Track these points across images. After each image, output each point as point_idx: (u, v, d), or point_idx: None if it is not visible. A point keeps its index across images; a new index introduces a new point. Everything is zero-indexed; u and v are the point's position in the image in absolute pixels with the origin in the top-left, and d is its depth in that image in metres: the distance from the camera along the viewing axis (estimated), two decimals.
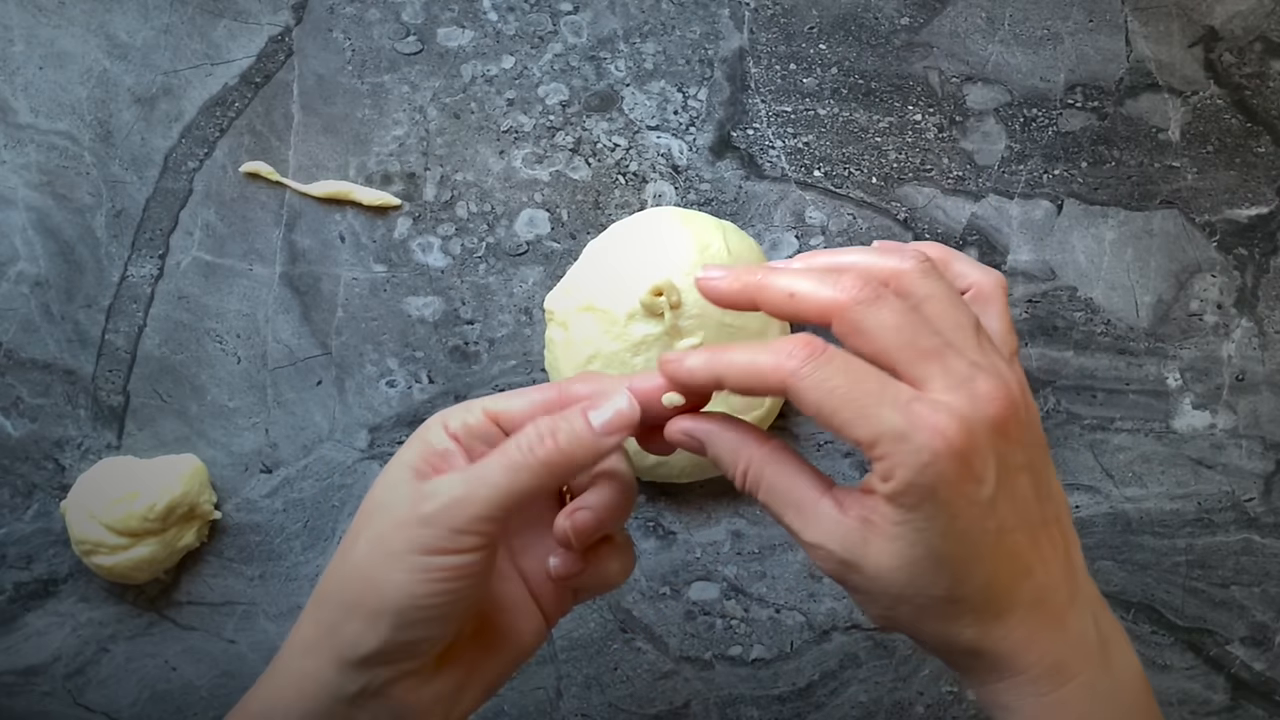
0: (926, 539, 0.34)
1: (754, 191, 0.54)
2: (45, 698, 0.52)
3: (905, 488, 0.33)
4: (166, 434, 0.53)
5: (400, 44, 0.54)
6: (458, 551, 0.35)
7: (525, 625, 0.39)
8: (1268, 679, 0.54)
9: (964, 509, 0.34)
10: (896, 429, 0.33)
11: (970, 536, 0.34)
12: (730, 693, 0.53)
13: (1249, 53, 0.56)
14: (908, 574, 0.34)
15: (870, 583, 0.35)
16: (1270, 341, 0.55)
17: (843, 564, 0.35)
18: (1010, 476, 0.35)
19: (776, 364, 0.34)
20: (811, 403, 0.34)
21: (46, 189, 0.53)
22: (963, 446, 0.33)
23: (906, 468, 0.33)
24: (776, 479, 0.37)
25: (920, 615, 0.35)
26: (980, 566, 0.34)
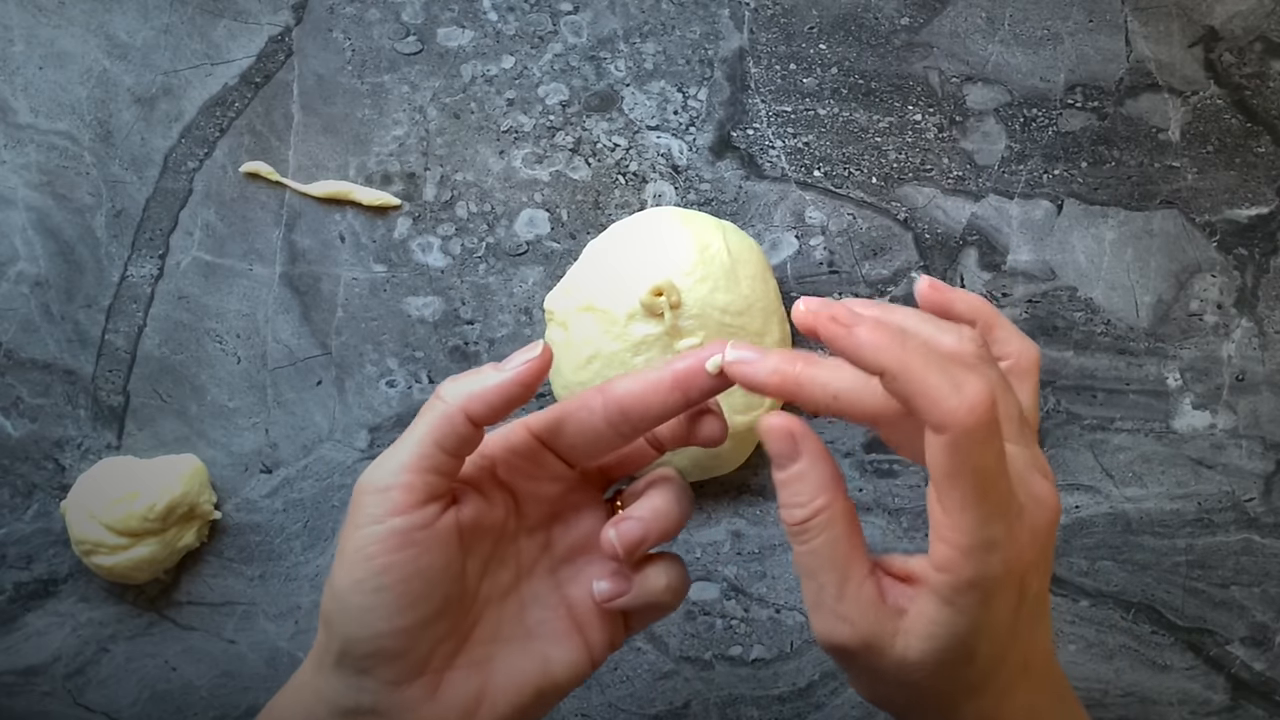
0: (960, 639, 0.33)
1: (754, 191, 0.54)
2: (45, 698, 0.52)
3: (966, 586, 0.32)
4: (166, 434, 0.53)
5: (400, 44, 0.54)
6: (384, 517, 0.34)
7: (559, 656, 0.37)
8: (1268, 679, 0.54)
9: (1005, 613, 0.33)
10: (993, 539, 0.31)
11: (1003, 636, 0.33)
12: (730, 693, 0.53)
13: (1249, 53, 0.56)
14: (933, 668, 0.33)
15: (887, 669, 0.34)
16: (1270, 341, 0.55)
17: (864, 645, 0.33)
18: (1041, 579, 0.35)
19: (954, 409, 0.30)
20: (953, 466, 0.31)
21: (46, 189, 0.53)
22: (1026, 567, 0.33)
23: (976, 571, 0.32)
24: (840, 540, 0.34)
25: (926, 703, 0.35)
26: (1002, 662, 0.34)
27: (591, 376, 0.49)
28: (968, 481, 0.31)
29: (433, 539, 0.34)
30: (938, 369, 0.31)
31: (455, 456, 0.35)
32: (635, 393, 0.36)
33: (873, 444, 0.54)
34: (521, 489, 0.38)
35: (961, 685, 0.34)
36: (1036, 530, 0.33)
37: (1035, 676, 0.36)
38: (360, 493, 0.35)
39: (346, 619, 0.34)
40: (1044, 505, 0.34)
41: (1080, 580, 0.54)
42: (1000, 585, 0.32)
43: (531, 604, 0.38)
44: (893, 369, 0.31)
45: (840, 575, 0.34)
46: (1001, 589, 0.32)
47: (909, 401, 0.31)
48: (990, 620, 0.32)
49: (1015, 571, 0.32)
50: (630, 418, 0.36)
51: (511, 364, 0.35)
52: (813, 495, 0.34)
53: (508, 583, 0.38)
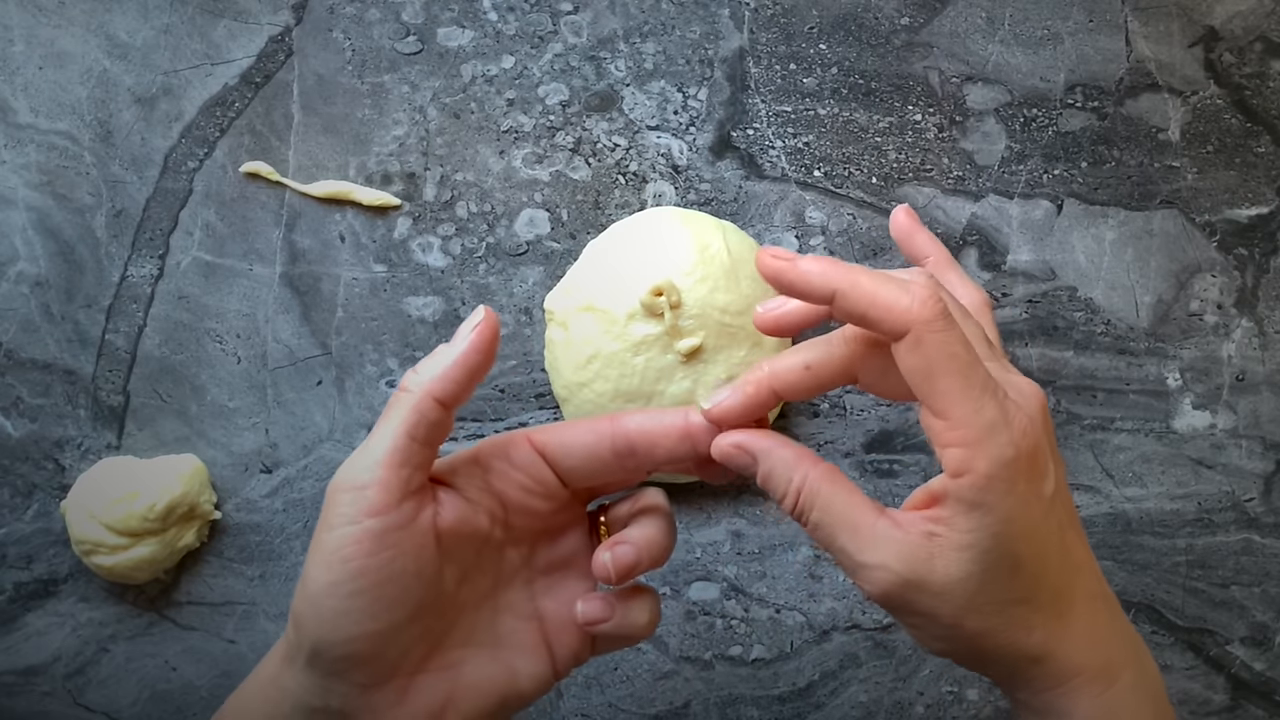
0: (1001, 540, 0.33)
1: (754, 191, 0.54)
2: (45, 698, 0.52)
3: (986, 481, 0.32)
4: (166, 434, 0.53)
5: (400, 44, 0.54)
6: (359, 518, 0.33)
7: (526, 668, 0.37)
8: (1268, 679, 0.54)
9: (1035, 506, 0.33)
10: (993, 419, 0.32)
11: (1040, 534, 0.33)
12: (730, 693, 0.53)
13: (1249, 53, 0.56)
14: (980, 580, 0.33)
15: (936, 599, 0.33)
16: (1270, 341, 0.55)
17: (906, 583, 0.33)
18: (1059, 473, 0.35)
19: (908, 306, 0.32)
20: (925, 360, 0.32)
21: (46, 189, 0.53)
22: (1035, 444, 0.33)
23: (991, 460, 0.32)
24: (833, 499, 0.35)
25: (990, 625, 0.34)
26: (1050, 564, 0.34)
27: (591, 376, 0.49)
28: (946, 370, 0.32)
29: (409, 541, 0.34)
30: (883, 279, 0.32)
31: (428, 446, 0.35)
32: (647, 433, 0.36)
33: (872, 444, 0.54)
34: (513, 500, 0.37)
35: (1017, 599, 0.34)
36: (1032, 416, 0.33)
37: (1089, 596, 0.35)
38: (334, 491, 0.34)
39: (320, 622, 0.33)
40: (1030, 395, 0.34)
41: None
42: (1017, 470, 0.32)
43: (504, 612, 0.38)
44: (842, 287, 0.32)
45: (850, 530, 0.34)
46: (1020, 474, 0.32)
47: (864, 318, 0.33)
48: (1023, 514, 0.33)
49: (1025, 453, 0.32)
50: (637, 456, 0.36)
51: (462, 335, 0.35)
52: (787, 480, 0.35)
53: (485, 590, 0.38)
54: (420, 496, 0.35)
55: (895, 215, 0.45)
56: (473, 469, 0.37)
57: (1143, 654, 0.37)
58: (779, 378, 0.35)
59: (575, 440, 0.36)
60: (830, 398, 0.54)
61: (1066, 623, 0.35)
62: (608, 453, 0.36)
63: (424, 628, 0.35)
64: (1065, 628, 0.35)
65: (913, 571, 0.33)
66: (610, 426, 0.36)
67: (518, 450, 0.37)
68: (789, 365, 0.36)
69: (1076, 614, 0.35)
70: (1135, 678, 0.36)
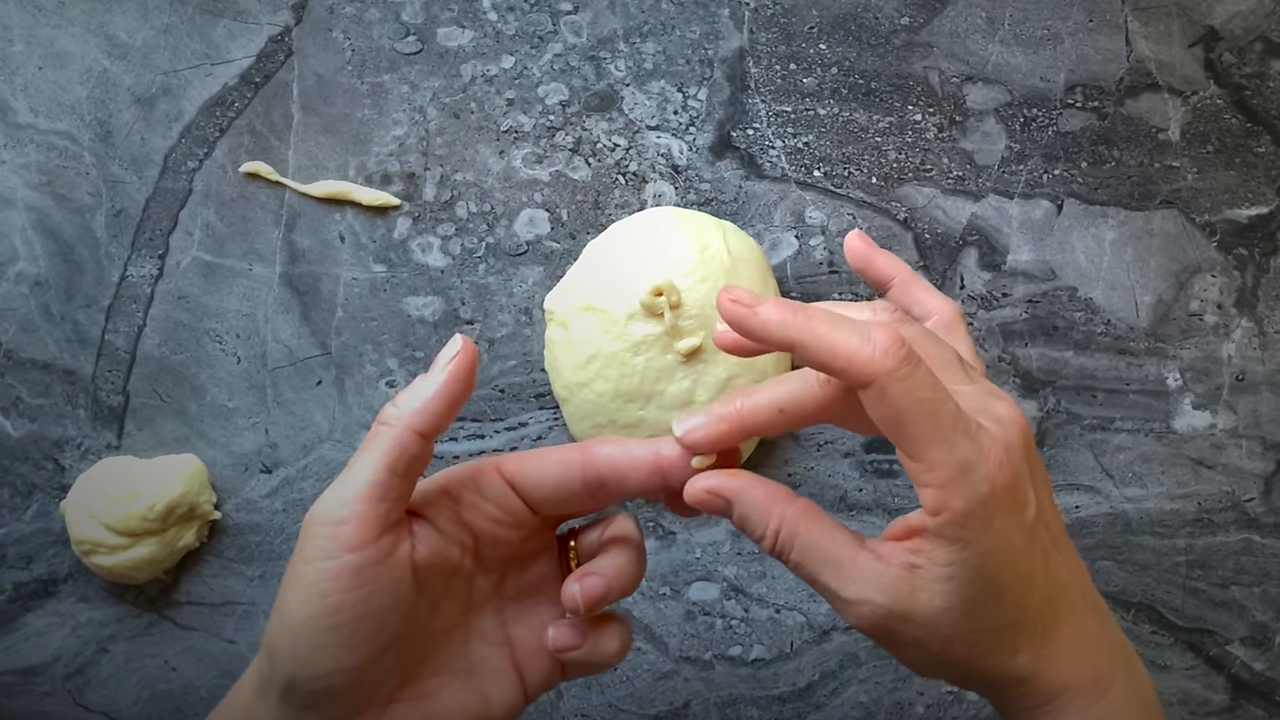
0: (980, 572, 0.33)
1: (754, 191, 0.54)
2: (45, 698, 0.52)
3: (963, 519, 0.32)
4: (166, 434, 0.53)
5: (400, 44, 0.54)
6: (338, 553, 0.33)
7: (497, 693, 0.37)
8: (1268, 679, 0.54)
9: (1015, 535, 0.33)
10: (966, 459, 0.32)
11: (1022, 561, 0.33)
12: (730, 693, 0.53)
13: (1249, 53, 0.56)
14: (962, 610, 0.33)
15: (922, 629, 0.34)
16: (1270, 341, 0.55)
17: (890, 615, 0.34)
18: (1040, 496, 0.35)
19: (870, 357, 0.32)
20: (891, 409, 0.32)
21: (46, 189, 0.53)
22: (1012, 476, 0.33)
23: (966, 499, 0.32)
24: (811, 537, 0.35)
25: (975, 650, 0.34)
26: (1034, 588, 0.34)
27: (591, 376, 0.49)
28: (914, 417, 0.32)
29: (386, 576, 0.34)
30: (844, 327, 0.32)
31: (408, 479, 0.35)
32: (616, 466, 0.36)
33: (873, 444, 0.54)
34: (483, 531, 0.37)
35: (1002, 625, 0.34)
36: (1010, 445, 0.33)
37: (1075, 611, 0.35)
38: (312, 524, 0.34)
39: (295, 656, 0.33)
40: (1009, 423, 0.34)
41: None
42: (994, 505, 0.32)
43: (475, 639, 0.38)
44: (801, 338, 0.33)
45: (833, 566, 0.34)
46: (998, 509, 0.32)
47: (827, 366, 0.33)
48: (1003, 545, 0.33)
49: (1003, 486, 0.32)
50: (607, 487, 0.36)
51: (440, 366, 0.35)
52: (763, 521, 0.35)
53: (456, 618, 0.38)
54: (397, 530, 0.35)
55: (849, 242, 0.44)
56: (444, 500, 0.37)
57: (1133, 660, 0.37)
58: (751, 418, 0.35)
59: (545, 473, 0.36)
60: None
61: (1052, 642, 0.35)
62: (578, 484, 0.36)
63: (399, 659, 0.35)
64: (1051, 647, 0.35)
65: (897, 603, 0.33)
66: (580, 458, 0.36)
67: (488, 482, 0.37)
68: (762, 406, 0.36)
69: (1062, 632, 0.35)
70: (1125, 686, 0.36)
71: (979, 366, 0.40)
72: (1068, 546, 0.36)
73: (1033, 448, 0.35)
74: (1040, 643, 0.35)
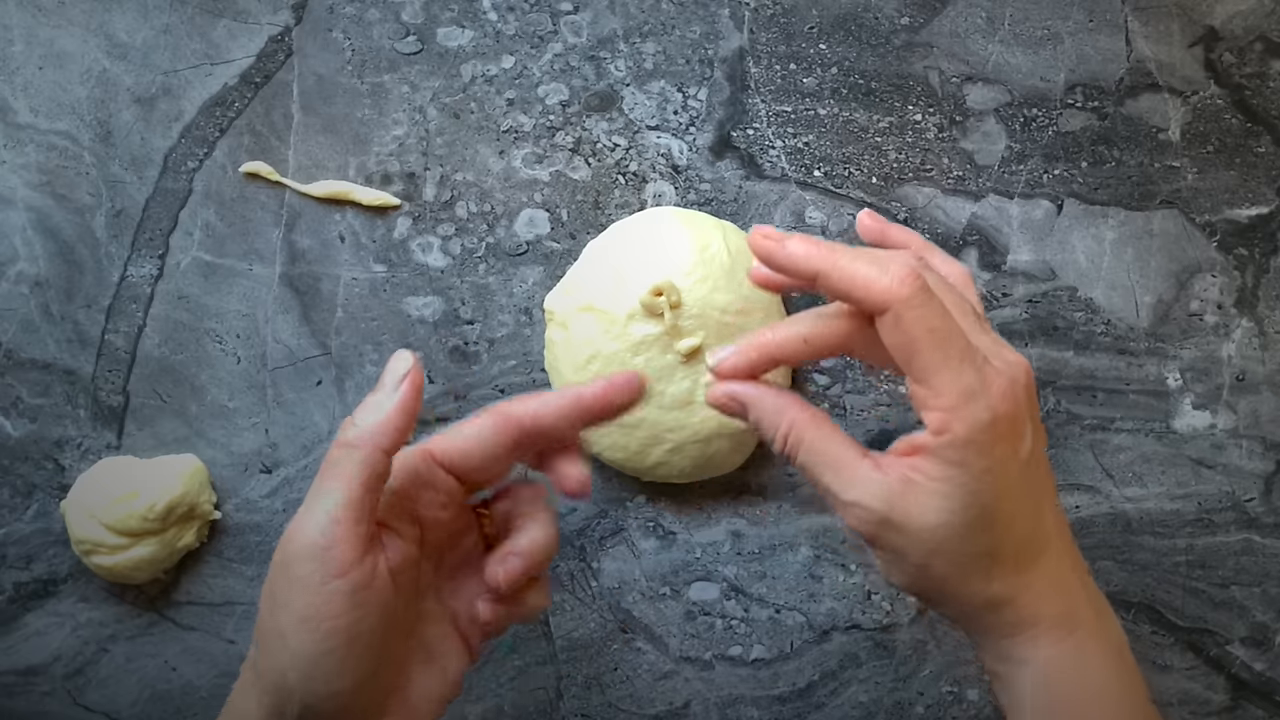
0: (975, 496, 0.35)
1: (754, 191, 0.54)
2: (45, 698, 0.52)
3: (964, 442, 0.34)
4: (166, 434, 0.53)
5: (400, 44, 0.54)
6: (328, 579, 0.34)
7: (453, 665, 0.40)
8: (1268, 679, 0.54)
9: (1011, 467, 0.35)
10: (971, 386, 0.34)
11: (1012, 494, 0.35)
12: (730, 693, 0.53)
13: (1249, 53, 0.56)
14: (949, 529, 0.35)
15: (908, 539, 0.36)
16: (1270, 341, 0.55)
17: (881, 521, 0.36)
18: (1037, 439, 0.37)
19: (888, 286, 0.34)
20: (905, 336, 0.34)
21: (46, 189, 0.53)
22: (1013, 408, 0.35)
23: (969, 424, 0.34)
24: (817, 441, 0.37)
25: (954, 571, 0.36)
26: (1019, 522, 0.36)
27: (591, 376, 0.49)
28: (925, 343, 0.34)
29: (375, 592, 0.35)
30: (864, 259, 0.35)
31: (377, 494, 0.36)
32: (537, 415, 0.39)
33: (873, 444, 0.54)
34: (428, 520, 0.39)
35: (983, 550, 0.36)
36: (1015, 381, 0.35)
37: (1055, 553, 0.37)
38: (295, 551, 0.35)
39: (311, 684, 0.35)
40: (1016, 365, 0.36)
41: None
42: (995, 433, 0.34)
43: (428, 623, 0.40)
44: (824, 269, 0.35)
45: (834, 469, 0.37)
46: (997, 437, 0.34)
47: (847, 295, 0.35)
48: (997, 473, 0.35)
49: (1002, 416, 0.34)
50: (532, 438, 0.39)
51: (393, 383, 0.37)
52: (775, 424, 0.38)
53: (414, 608, 0.39)
54: (373, 545, 0.36)
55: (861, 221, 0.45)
56: (399, 503, 0.38)
57: (1105, 614, 0.39)
58: (780, 346, 0.38)
59: (472, 445, 0.38)
60: (830, 397, 0.54)
61: (1028, 577, 0.37)
62: (506, 446, 0.38)
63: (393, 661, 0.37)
64: (1026, 581, 0.37)
65: (890, 510, 0.36)
66: (505, 423, 0.38)
67: (432, 472, 0.38)
68: (789, 335, 0.38)
69: (1040, 569, 0.37)
70: (1096, 629, 0.38)
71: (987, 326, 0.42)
72: (1055, 499, 0.38)
73: (1034, 398, 0.37)
74: (1017, 575, 0.36)
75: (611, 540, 0.54)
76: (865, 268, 0.34)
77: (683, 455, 0.50)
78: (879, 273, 0.34)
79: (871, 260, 0.35)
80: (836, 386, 0.54)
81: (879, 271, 0.34)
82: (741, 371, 0.39)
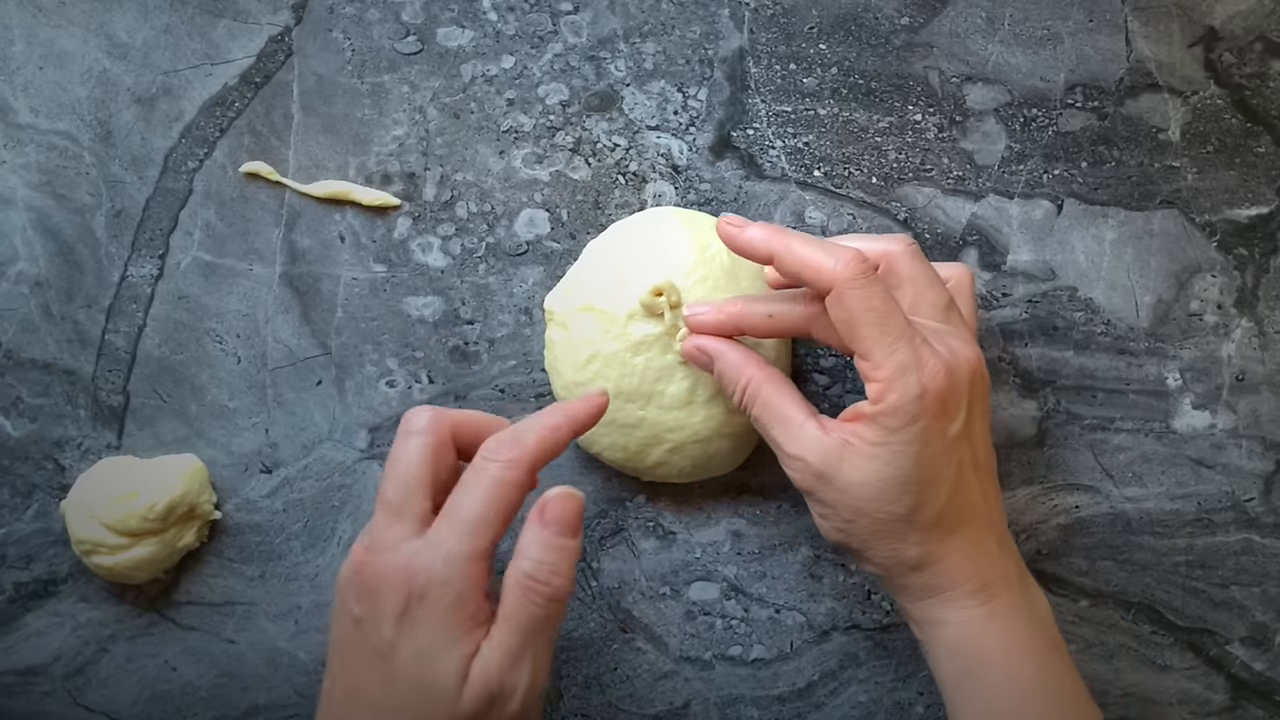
0: (899, 461, 0.39)
1: (754, 191, 0.54)
2: (45, 698, 0.52)
3: (893, 410, 0.39)
4: (166, 434, 0.53)
5: (400, 44, 0.54)
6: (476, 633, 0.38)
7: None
8: (1268, 679, 0.54)
9: (935, 440, 0.39)
10: (904, 361, 0.38)
11: (936, 465, 0.39)
12: (730, 693, 0.53)
13: (1249, 53, 0.56)
14: (875, 489, 0.40)
15: (838, 495, 0.40)
16: (1270, 341, 0.55)
17: (817, 475, 0.41)
18: (972, 424, 0.41)
19: (832, 268, 0.39)
20: (846, 313, 0.39)
21: (46, 189, 0.53)
22: (946, 388, 0.39)
23: (900, 395, 0.38)
24: (771, 397, 0.43)
25: (876, 530, 0.41)
26: (939, 491, 0.40)
27: (591, 376, 0.49)
28: (864, 320, 0.38)
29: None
30: (816, 245, 0.40)
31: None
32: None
33: None
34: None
35: (904, 514, 0.40)
36: (952, 369, 0.39)
37: (978, 525, 0.41)
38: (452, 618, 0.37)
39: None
40: (960, 355, 0.40)
41: (1080, 580, 0.54)
42: (923, 406, 0.39)
43: None
44: (778, 251, 0.40)
45: (783, 424, 0.42)
46: (925, 411, 0.39)
47: (799, 276, 0.40)
48: (921, 444, 0.39)
49: (933, 392, 0.39)
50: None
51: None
52: (735, 378, 0.44)
53: None
54: None
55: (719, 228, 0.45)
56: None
57: (1029, 588, 0.43)
58: (745, 316, 0.44)
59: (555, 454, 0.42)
60: (830, 397, 0.54)
61: (946, 544, 0.41)
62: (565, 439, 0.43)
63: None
64: (944, 548, 0.41)
65: (825, 466, 0.40)
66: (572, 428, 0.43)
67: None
68: (756, 310, 0.44)
69: (958, 539, 0.41)
70: (1015, 600, 0.41)
71: (973, 326, 0.45)
72: (990, 480, 0.43)
73: (981, 388, 0.41)
74: (935, 541, 0.41)
75: (611, 540, 0.54)
76: (815, 252, 0.39)
77: (683, 455, 0.50)
78: (826, 256, 0.39)
79: (821, 245, 0.39)
80: (836, 386, 0.54)
81: (826, 255, 0.39)
82: (709, 328, 0.45)
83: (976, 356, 0.41)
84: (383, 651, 0.37)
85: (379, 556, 0.38)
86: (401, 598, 0.36)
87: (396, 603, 0.36)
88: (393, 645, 0.36)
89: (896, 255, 0.43)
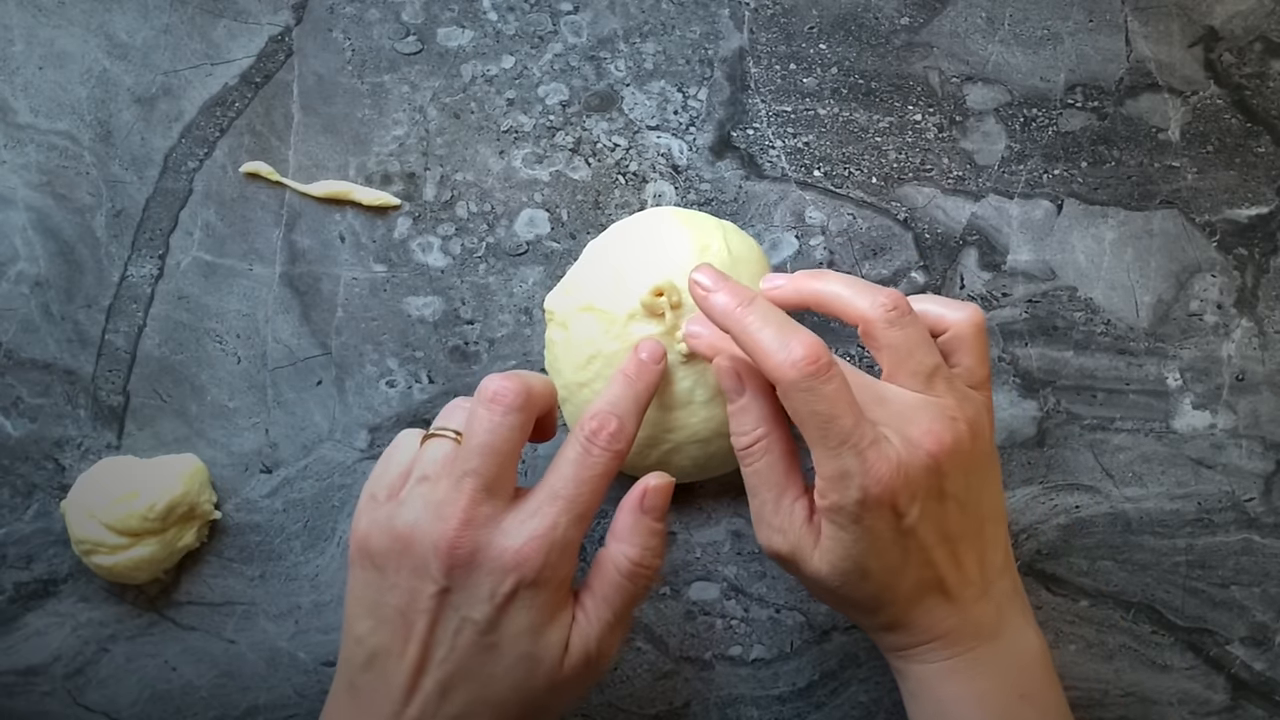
0: (853, 554, 0.39)
1: (754, 191, 0.54)
2: (45, 698, 0.52)
3: (836, 510, 0.38)
4: (166, 434, 0.53)
5: (400, 44, 0.54)
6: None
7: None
8: (1268, 679, 0.54)
9: (886, 533, 0.39)
10: (846, 468, 0.37)
11: (888, 556, 0.39)
12: (730, 693, 0.53)
13: (1249, 53, 0.56)
14: (838, 579, 0.40)
15: (807, 579, 0.41)
16: (1270, 341, 0.55)
17: (786, 560, 0.41)
18: (936, 504, 0.39)
19: (778, 364, 0.38)
20: (791, 411, 0.38)
21: (46, 189, 0.53)
22: (890, 491, 0.38)
23: (840, 497, 0.38)
24: (775, 466, 0.41)
25: (845, 606, 0.42)
26: (899, 578, 0.40)
27: (592, 376, 0.49)
28: (807, 424, 0.37)
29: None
30: (772, 330, 0.38)
31: None
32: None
33: None
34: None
35: (866, 595, 0.40)
36: (904, 465, 0.38)
37: (953, 606, 0.41)
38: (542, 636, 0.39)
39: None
40: (917, 447, 0.39)
41: (1080, 580, 0.54)
42: (864, 508, 0.38)
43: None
44: (735, 329, 0.39)
45: (776, 494, 0.41)
46: (867, 511, 0.38)
47: (751, 358, 0.39)
48: (867, 540, 0.38)
49: (874, 497, 0.38)
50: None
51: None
52: (755, 425, 0.41)
53: None
54: None
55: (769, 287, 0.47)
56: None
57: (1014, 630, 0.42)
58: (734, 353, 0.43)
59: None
60: None
61: (912, 612, 0.41)
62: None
63: None
64: (910, 615, 0.41)
65: (798, 550, 0.40)
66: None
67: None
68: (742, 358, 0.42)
69: (927, 604, 0.40)
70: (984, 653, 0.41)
71: (979, 374, 0.43)
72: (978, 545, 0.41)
73: (949, 463, 0.39)
74: (900, 611, 0.41)
75: None
76: (768, 340, 0.37)
77: (683, 455, 0.50)
78: (777, 348, 0.37)
79: (778, 331, 0.38)
80: None
81: (778, 347, 0.37)
82: (701, 354, 0.45)
83: (939, 442, 0.39)
84: (480, 626, 0.38)
85: (478, 533, 0.38)
86: (512, 581, 0.38)
87: (505, 585, 0.38)
88: (493, 623, 0.38)
89: (873, 323, 0.40)
